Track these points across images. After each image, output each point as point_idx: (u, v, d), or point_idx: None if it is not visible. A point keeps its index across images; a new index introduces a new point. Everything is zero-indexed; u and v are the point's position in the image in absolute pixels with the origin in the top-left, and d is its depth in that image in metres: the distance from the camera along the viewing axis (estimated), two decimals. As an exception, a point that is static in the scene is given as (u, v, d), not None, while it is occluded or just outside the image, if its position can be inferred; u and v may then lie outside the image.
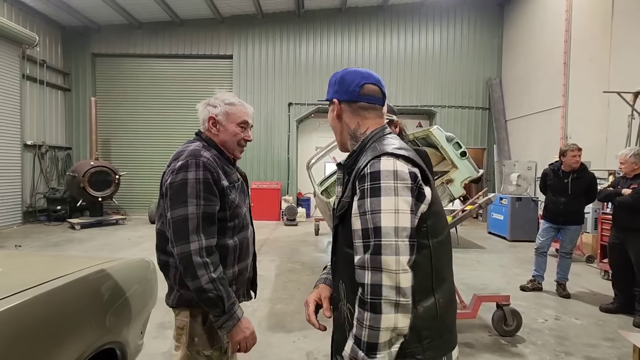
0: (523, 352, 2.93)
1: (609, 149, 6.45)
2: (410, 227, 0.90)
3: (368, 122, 1.11)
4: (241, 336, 1.35)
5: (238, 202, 1.48)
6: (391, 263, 0.87)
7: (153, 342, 2.95)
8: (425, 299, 0.95)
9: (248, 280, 1.60)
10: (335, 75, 1.16)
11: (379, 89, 1.12)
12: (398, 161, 0.94)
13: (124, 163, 10.07)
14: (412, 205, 0.91)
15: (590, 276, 5.11)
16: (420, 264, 0.93)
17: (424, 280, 0.95)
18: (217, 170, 1.40)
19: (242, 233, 1.52)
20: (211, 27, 10.26)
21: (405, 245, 0.88)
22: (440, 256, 0.98)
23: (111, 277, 1.68)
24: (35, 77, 9.03)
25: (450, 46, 10.50)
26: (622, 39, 6.32)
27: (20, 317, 1.16)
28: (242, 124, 1.53)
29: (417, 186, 0.93)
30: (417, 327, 0.92)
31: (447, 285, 1.01)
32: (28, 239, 6.96)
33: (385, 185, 0.91)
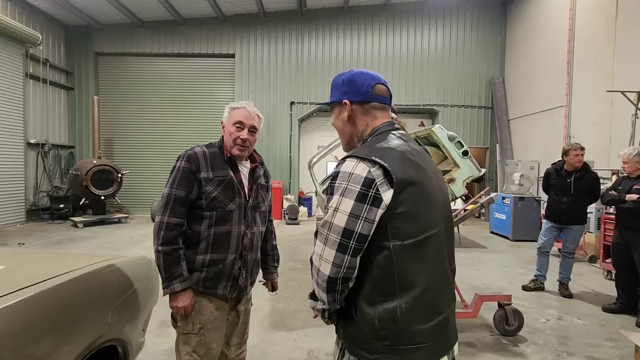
0: (525, 352, 2.92)
1: (612, 148, 6.42)
2: (345, 228, 0.94)
3: (376, 122, 1.13)
4: (175, 304, 1.60)
5: (217, 196, 1.62)
6: (319, 247, 1.00)
7: (155, 340, 2.96)
8: (387, 301, 0.96)
9: (232, 276, 1.68)
10: (340, 77, 1.16)
11: (387, 89, 1.15)
12: (361, 164, 0.96)
13: (127, 162, 10.10)
14: (355, 209, 0.94)
15: (592, 276, 5.09)
16: (380, 264, 0.97)
17: (386, 282, 0.97)
18: (199, 163, 1.63)
19: (222, 227, 1.64)
20: (213, 26, 10.26)
21: (334, 241, 0.96)
22: (406, 260, 0.96)
23: (113, 275, 1.68)
24: (38, 75, 9.07)
25: (452, 45, 10.47)
26: (627, 37, 6.28)
27: (23, 313, 1.16)
28: (237, 124, 1.68)
29: (373, 191, 0.94)
30: (374, 326, 0.97)
31: (418, 294, 0.96)
32: (31, 237, 7.00)
33: (338, 185, 0.98)
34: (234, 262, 1.68)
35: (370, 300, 0.98)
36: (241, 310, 1.83)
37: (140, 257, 1.99)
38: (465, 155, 4.37)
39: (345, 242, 0.94)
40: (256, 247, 1.80)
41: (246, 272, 1.74)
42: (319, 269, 0.99)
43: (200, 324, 1.64)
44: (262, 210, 1.82)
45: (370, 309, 0.97)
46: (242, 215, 1.70)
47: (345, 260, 0.95)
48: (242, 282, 1.73)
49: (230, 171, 1.69)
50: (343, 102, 1.14)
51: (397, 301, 0.96)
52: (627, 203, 3.59)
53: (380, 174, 0.95)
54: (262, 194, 1.83)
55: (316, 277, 1.01)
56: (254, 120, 1.73)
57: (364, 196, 0.94)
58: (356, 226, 0.94)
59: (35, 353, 1.16)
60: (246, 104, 1.75)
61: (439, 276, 1.03)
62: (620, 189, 3.76)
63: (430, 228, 1.00)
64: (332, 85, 1.20)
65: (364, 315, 0.98)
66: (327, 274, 0.97)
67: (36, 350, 1.17)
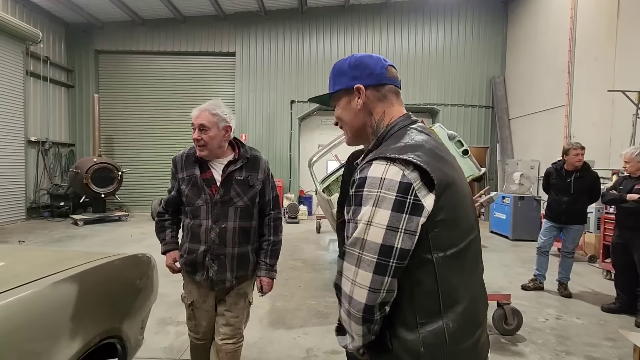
0: (523, 351, 2.93)
1: (612, 148, 6.41)
2: (382, 244, 0.80)
3: (393, 110, 1.00)
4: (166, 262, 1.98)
5: (187, 193, 1.84)
6: (349, 271, 0.85)
7: (154, 338, 2.97)
8: (431, 322, 0.84)
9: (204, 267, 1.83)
10: (344, 62, 1.02)
11: (397, 72, 1.04)
12: (392, 166, 0.82)
13: (127, 160, 10.11)
14: (393, 220, 0.80)
15: (592, 276, 5.09)
16: (422, 281, 0.84)
17: (428, 301, 0.84)
18: (177, 164, 1.91)
19: (195, 221, 1.84)
20: (214, 24, 10.25)
21: (370, 261, 0.81)
22: (450, 273, 0.85)
23: (112, 272, 1.69)
24: (38, 73, 9.07)
25: (453, 44, 10.45)
26: (628, 37, 6.27)
27: (22, 310, 1.17)
28: (193, 127, 1.81)
29: (412, 198, 0.80)
30: (418, 354, 0.84)
31: (463, 308, 0.86)
32: (31, 235, 7.01)
33: (367, 193, 0.83)
34: (205, 254, 1.82)
35: (410, 324, 0.85)
36: (229, 302, 1.90)
37: (139, 255, 1.99)
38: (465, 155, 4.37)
39: (384, 261, 0.80)
40: (232, 242, 1.82)
41: (219, 266, 1.81)
42: (351, 296, 0.83)
43: (190, 301, 1.92)
44: (238, 206, 1.83)
45: (411, 334, 0.84)
46: (210, 210, 1.81)
47: (385, 283, 0.81)
48: (214, 275, 1.81)
49: (197, 170, 1.84)
50: (355, 88, 0.98)
51: (443, 320, 0.84)
52: (628, 203, 3.58)
53: (416, 176, 0.81)
54: (238, 189, 1.83)
55: (347, 307, 0.85)
56: (201, 118, 1.76)
57: (401, 204, 0.80)
58: (396, 241, 0.80)
59: (34, 350, 1.17)
60: (204, 105, 1.81)
61: (477, 284, 0.94)
62: (621, 189, 3.75)
63: (469, 233, 0.91)
64: (334, 73, 1.04)
65: (403, 343, 0.85)
66: (363, 302, 0.82)
67: (34, 347, 1.17)
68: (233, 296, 1.90)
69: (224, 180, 1.81)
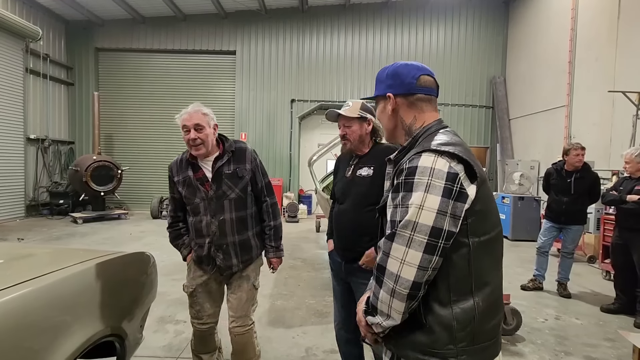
0: (522, 351, 2.93)
1: (613, 148, 6.41)
2: (433, 227, 0.89)
3: (425, 116, 1.11)
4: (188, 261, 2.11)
5: (185, 194, 1.97)
6: (398, 251, 0.92)
7: (154, 336, 2.96)
8: (463, 300, 0.94)
9: (209, 258, 1.98)
10: (384, 71, 1.15)
11: (433, 79, 1.14)
12: (440, 158, 0.93)
13: (127, 158, 10.10)
14: (443, 205, 0.89)
15: (591, 276, 5.09)
16: (457, 263, 0.93)
17: (462, 281, 0.94)
18: (172, 169, 2.04)
19: (196, 218, 1.98)
20: (214, 23, 10.23)
21: (421, 242, 0.89)
22: (482, 257, 0.95)
23: (112, 270, 1.68)
24: (38, 71, 9.05)
25: (454, 44, 10.44)
26: (629, 38, 6.26)
27: (21, 308, 1.16)
28: (184, 129, 1.91)
29: (458, 186, 0.91)
30: (452, 328, 0.93)
31: (491, 290, 0.97)
32: (31, 233, 7.00)
33: (418, 181, 0.92)
34: (210, 246, 1.96)
35: (444, 301, 0.94)
36: (234, 286, 2.05)
37: (139, 253, 2.00)
38: None
39: (434, 241, 0.89)
40: (231, 231, 1.97)
41: (223, 254, 1.97)
42: (399, 275, 0.91)
43: (191, 289, 2.04)
44: (230, 198, 1.96)
45: (445, 310, 0.94)
46: (207, 206, 1.94)
47: (433, 261, 0.90)
48: (221, 262, 1.98)
49: (190, 171, 1.96)
50: (387, 96, 1.12)
51: (474, 299, 0.94)
52: (628, 204, 3.58)
53: (461, 168, 0.93)
54: (229, 182, 1.96)
55: (392, 286, 0.92)
56: (194, 119, 1.88)
57: (449, 191, 0.90)
58: (444, 224, 0.90)
59: (32, 347, 1.16)
60: (190, 107, 1.93)
61: (501, 275, 1.04)
62: (621, 190, 3.75)
63: (498, 225, 1.02)
64: (376, 79, 1.19)
65: (438, 318, 0.94)
66: (411, 280, 0.90)
67: (33, 344, 1.17)
68: (237, 279, 2.05)
69: (215, 176, 1.94)
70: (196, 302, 2.04)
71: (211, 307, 2.07)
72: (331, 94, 10.33)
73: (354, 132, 1.88)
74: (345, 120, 1.89)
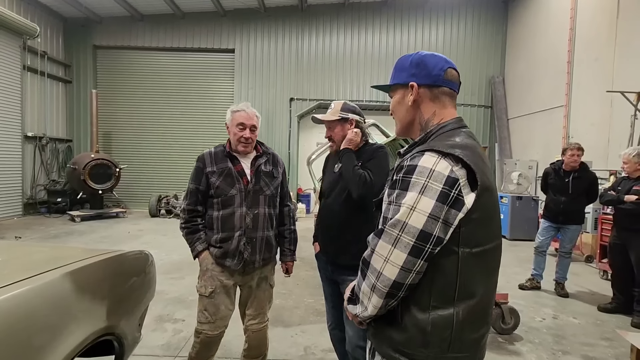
0: (520, 350, 2.94)
1: (610, 149, 6.43)
2: (422, 230, 0.86)
3: (445, 112, 1.03)
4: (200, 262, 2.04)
5: (219, 184, 1.97)
6: (384, 249, 0.90)
7: (152, 335, 2.96)
8: (443, 307, 0.90)
9: (238, 252, 1.97)
10: (408, 58, 1.06)
11: (458, 75, 1.07)
12: (442, 160, 0.88)
13: (125, 156, 10.06)
14: (436, 210, 0.85)
15: (589, 276, 5.11)
16: (443, 270, 0.90)
17: (445, 288, 0.90)
18: (205, 160, 2.02)
19: (227, 210, 1.98)
20: (213, 21, 10.20)
21: (407, 243, 0.87)
22: (472, 268, 0.90)
23: (109, 269, 1.68)
24: (36, 68, 9.01)
25: (453, 42, 10.44)
26: (628, 38, 6.27)
27: (18, 306, 1.16)
28: (239, 126, 1.99)
29: (456, 192, 0.86)
30: (425, 332, 0.90)
31: (475, 303, 0.92)
32: (28, 231, 6.98)
33: (415, 180, 0.88)
34: (240, 239, 1.97)
35: (423, 305, 0.91)
36: (253, 285, 2.09)
37: (137, 252, 1.98)
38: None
39: (421, 245, 0.86)
40: (262, 226, 2.03)
41: (252, 248, 2.00)
42: (381, 272, 0.90)
43: (211, 289, 1.98)
44: (266, 194, 2.06)
45: (422, 314, 0.91)
46: (243, 199, 1.98)
47: (417, 265, 0.87)
48: (248, 257, 1.99)
49: (230, 163, 2.01)
50: (409, 85, 1.03)
51: (454, 308, 0.90)
52: (626, 204, 3.59)
53: (463, 173, 0.87)
54: (265, 179, 2.07)
55: (374, 281, 0.91)
56: (253, 120, 2.03)
57: (445, 196, 0.86)
58: (435, 229, 0.86)
59: (30, 346, 1.16)
60: (245, 106, 2.03)
61: (492, 287, 0.99)
62: (619, 190, 3.76)
63: (496, 238, 0.97)
64: (396, 67, 1.09)
65: (414, 320, 0.92)
66: (392, 279, 0.88)
67: (31, 343, 1.16)
68: (256, 280, 2.09)
69: (255, 172, 2.03)
70: (213, 303, 1.98)
71: (226, 309, 2.02)
72: (330, 93, 10.32)
73: (337, 133, 1.95)
74: (328, 123, 1.96)
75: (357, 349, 1.82)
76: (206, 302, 1.98)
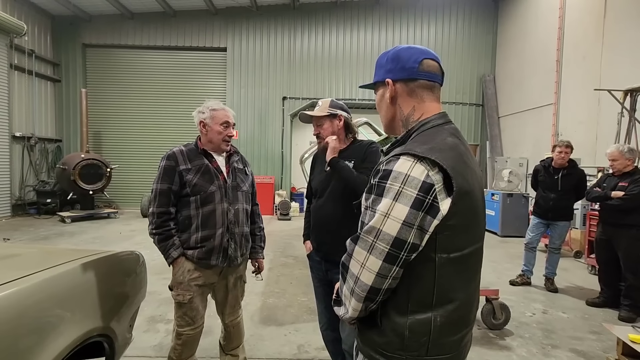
0: (511, 345, 2.98)
1: (598, 146, 6.54)
2: (396, 237, 0.84)
3: (424, 107, 1.00)
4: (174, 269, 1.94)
5: (197, 182, 1.92)
6: (360, 255, 0.90)
7: (144, 336, 2.94)
8: (420, 312, 0.90)
9: (222, 248, 1.95)
10: (386, 54, 1.04)
11: (438, 65, 1.02)
12: (418, 164, 0.84)
13: (116, 156, 9.95)
14: (410, 217, 0.84)
15: (577, 271, 5.20)
16: (421, 275, 0.89)
17: (423, 294, 0.90)
18: (177, 158, 1.93)
19: (207, 207, 1.93)
20: (205, 19, 10.12)
21: (382, 250, 0.86)
22: (449, 274, 0.89)
23: (100, 270, 1.66)
24: (23, 67, 8.85)
25: (444, 42, 10.51)
26: (614, 37, 6.38)
27: (7, 308, 1.14)
28: (224, 124, 1.98)
29: (431, 198, 0.84)
30: (403, 336, 0.90)
31: (454, 308, 0.91)
32: (17, 232, 6.87)
33: (389, 186, 0.86)
34: (223, 236, 1.95)
35: (401, 309, 0.91)
36: (230, 282, 2.10)
37: (128, 252, 1.97)
38: None
39: (395, 252, 0.85)
40: (242, 222, 2.06)
41: (234, 244, 2.01)
42: (359, 277, 0.90)
43: (190, 295, 1.94)
44: (243, 190, 2.10)
45: (400, 318, 0.91)
46: (224, 194, 1.98)
47: (393, 271, 0.87)
48: (232, 253, 2.00)
49: (205, 159, 1.98)
50: (386, 82, 1.02)
51: (432, 313, 0.90)
52: (613, 200, 3.64)
53: (439, 179, 0.84)
54: (240, 176, 2.10)
55: (352, 285, 0.92)
56: (232, 118, 2.05)
57: (420, 203, 0.83)
58: (409, 236, 0.84)
59: (18, 347, 1.15)
60: (218, 104, 2.02)
61: (473, 290, 0.99)
62: (604, 186, 3.82)
63: (476, 241, 0.96)
64: (376, 64, 1.08)
65: (392, 324, 0.92)
66: (369, 285, 0.88)
67: (18, 344, 1.15)
68: (232, 280, 2.12)
69: (230, 168, 2.06)
70: (192, 307, 1.94)
71: (203, 309, 2.04)
72: (323, 91, 10.32)
73: (325, 129, 1.96)
74: (317, 120, 1.97)
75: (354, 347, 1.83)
76: (186, 308, 1.95)
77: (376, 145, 1.93)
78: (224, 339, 2.24)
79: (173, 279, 1.96)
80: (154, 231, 1.90)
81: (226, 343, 2.24)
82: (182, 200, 1.94)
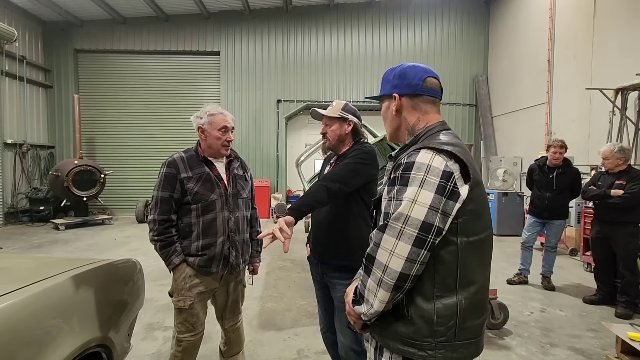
0: (510, 344, 2.99)
1: (591, 144, 6.61)
2: (424, 221, 0.91)
3: (428, 117, 1.13)
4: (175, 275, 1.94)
5: (198, 190, 1.92)
6: (388, 242, 0.95)
7: (142, 344, 2.91)
8: (446, 296, 0.96)
9: (222, 256, 1.96)
10: (392, 71, 1.17)
11: (438, 82, 1.15)
12: (437, 156, 0.95)
13: (110, 162, 9.86)
14: (435, 202, 0.92)
15: (574, 269, 5.24)
16: (444, 259, 0.96)
17: (447, 278, 0.96)
18: (179, 165, 1.92)
19: (208, 215, 1.93)
20: (198, 23, 10.10)
21: (411, 235, 0.92)
22: (470, 257, 0.97)
23: (97, 279, 1.64)
24: (14, 73, 8.75)
25: (437, 43, 10.59)
26: (604, 36, 6.47)
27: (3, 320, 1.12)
28: (222, 129, 1.96)
29: (451, 185, 0.94)
30: (432, 322, 0.95)
31: (475, 290, 0.99)
32: (10, 241, 6.77)
33: (414, 176, 0.95)
34: (224, 244, 1.96)
35: (427, 295, 0.96)
36: (230, 288, 2.11)
37: (124, 260, 1.95)
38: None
39: (424, 236, 0.92)
40: (242, 229, 2.07)
41: (235, 252, 2.01)
42: (387, 265, 0.94)
43: (190, 301, 1.93)
44: (243, 197, 2.10)
45: (428, 304, 0.96)
46: (225, 203, 1.97)
47: (421, 255, 0.92)
48: (233, 260, 2.00)
49: (206, 167, 1.97)
50: (392, 96, 1.14)
51: (457, 296, 0.96)
52: (613, 198, 3.63)
53: (457, 168, 0.95)
54: (241, 183, 2.10)
55: (380, 275, 0.95)
56: (231, 122, 2.03)
57: (443, 189, 0.93)
58: (435, 219, 0.92)
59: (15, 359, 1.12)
60: (216, 108, 1.99)
61: (488, 277, 1.06)
62: (600, 185, 3.84)
63: (488, 228, 1.04)
64: (382, 79, 1.20)
65: (420, 311, 0.96)
66: (398, 271, 0.93)
67: (18, 357, 1.13)
68: (232, 285, 2.12)
69: (231, 176, 2.05)
70: (192, 314, 1.94)
71: (204, 315, 2.03)
72: (317, 94, 10.33)
73: (333, 131, 1.93)
74: (327, 119, 1.95)
75: (350, 353, 1.83)
76: (186, 314, 1.94)
77: (367, 145, 1.91)
78: (224, 345, 2.23)
79: (174, 284, 1.95)
80: (156, 238, 1.90)
81: (226, 349, 2.23)
82: (183, 207, 1.94)
